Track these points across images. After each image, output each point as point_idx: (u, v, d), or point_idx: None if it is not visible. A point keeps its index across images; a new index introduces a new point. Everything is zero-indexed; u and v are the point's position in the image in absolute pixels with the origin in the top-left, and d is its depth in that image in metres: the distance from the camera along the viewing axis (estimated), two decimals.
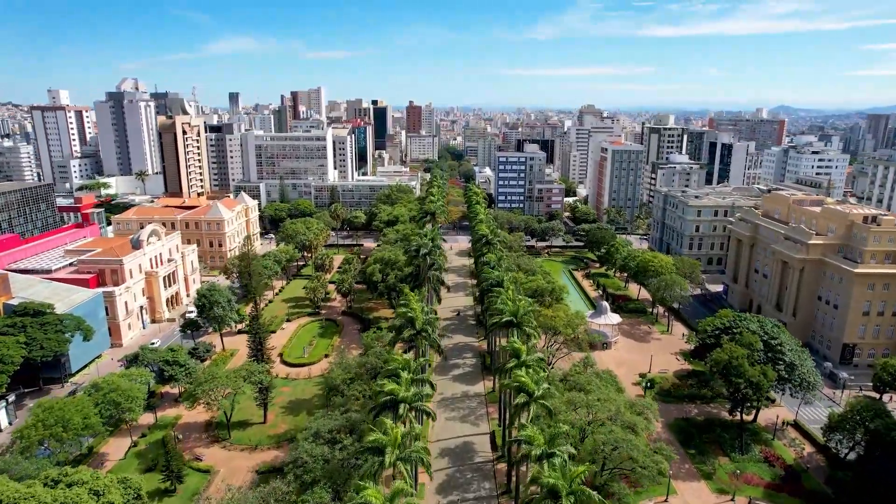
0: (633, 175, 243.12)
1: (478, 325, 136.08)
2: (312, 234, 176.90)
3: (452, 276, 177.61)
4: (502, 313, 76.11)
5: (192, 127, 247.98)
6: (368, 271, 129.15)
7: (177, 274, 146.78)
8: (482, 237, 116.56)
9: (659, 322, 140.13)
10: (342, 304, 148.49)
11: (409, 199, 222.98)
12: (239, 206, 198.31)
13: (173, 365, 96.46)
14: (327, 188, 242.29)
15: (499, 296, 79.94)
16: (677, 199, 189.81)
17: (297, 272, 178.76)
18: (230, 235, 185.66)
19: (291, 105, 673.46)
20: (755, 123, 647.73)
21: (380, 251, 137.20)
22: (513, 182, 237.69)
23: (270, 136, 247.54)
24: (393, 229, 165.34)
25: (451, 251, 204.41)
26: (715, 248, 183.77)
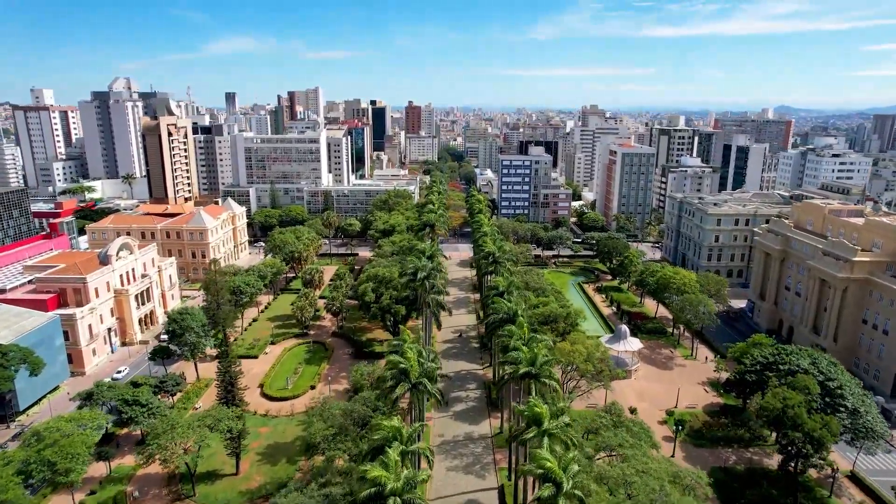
0: (643, 179, 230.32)
1: (481, 349, 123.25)
2: (302, 244, 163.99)
3: (453, 289, 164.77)
4: (517, 362, 63.01)
5: (179, 128, 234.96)
6: (360, 290, 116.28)
7: (152, 291, 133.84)
8: (489, 254, 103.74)
9: (681, 345, 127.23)
10: (333, 324, 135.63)
11: (408, 205, 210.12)
12: (225, 213, 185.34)
13: (133, 405, 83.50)
14: (321, 193, 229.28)
15: (511, 336, 66.86)
16: (694, 207, 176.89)
17: (285, 285, 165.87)
18: (214, 245, 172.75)
19: (288, 105, 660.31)
20: (761, 124, 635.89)
21: (373, 267, 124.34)
22: (517, 187, 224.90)
23: (261, 138, 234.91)
24: (389, 240, 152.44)
25: (452, 261, 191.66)
26: (735, 259, 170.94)
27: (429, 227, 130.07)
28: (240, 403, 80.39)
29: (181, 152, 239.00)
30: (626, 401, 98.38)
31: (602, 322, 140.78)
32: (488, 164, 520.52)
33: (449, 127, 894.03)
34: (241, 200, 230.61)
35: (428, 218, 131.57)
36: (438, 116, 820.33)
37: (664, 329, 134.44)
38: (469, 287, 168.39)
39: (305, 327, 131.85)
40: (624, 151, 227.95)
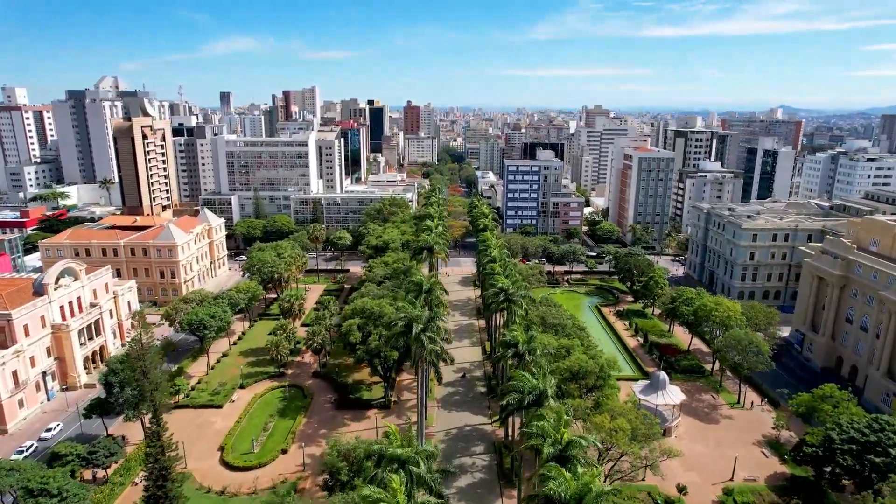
0: (662, 186, 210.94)
1: (488, 394, 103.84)
2: (284, 262, 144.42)
3: (455, 313, 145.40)
4: (542, 436, 44.10)
5: (155, 130, 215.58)
6: (345, 327, 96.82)
7: (103, 323, 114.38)
8: (500, 291, 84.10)
9: (724, 388, 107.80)
10: (314, 361, 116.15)
11: (404, 216, 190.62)
12: (199, 226, 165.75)
13: (39, 496, 64.12)
14: (310, 201, 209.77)
15: (542, 435, 47.18)
16: (725, 220, 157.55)
17: (265, 309, 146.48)
18: (186, 263, 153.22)
19: (283, 105, 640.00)
20: (770, 124, 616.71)
21: (361, 296, 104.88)
22: (524, 195, 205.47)
23: (244, 140, 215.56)
24: (381, 261, 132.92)
25: (452, 278, 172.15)
26: (773, 279, 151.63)
27: (426, 250, 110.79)
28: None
29: (158, 156, 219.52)
30: (670, 472, 79.01)
31: (628, 357, 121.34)
32: (490, 165, 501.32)
33: (448, 127, 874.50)
34: (222, 209, 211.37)
35: (425, 239, 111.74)
36: (438, 116, 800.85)
37: (701, 367, 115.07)
38: (472, 311, 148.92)
39: (282, 366, 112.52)
40: (641, 156, 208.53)
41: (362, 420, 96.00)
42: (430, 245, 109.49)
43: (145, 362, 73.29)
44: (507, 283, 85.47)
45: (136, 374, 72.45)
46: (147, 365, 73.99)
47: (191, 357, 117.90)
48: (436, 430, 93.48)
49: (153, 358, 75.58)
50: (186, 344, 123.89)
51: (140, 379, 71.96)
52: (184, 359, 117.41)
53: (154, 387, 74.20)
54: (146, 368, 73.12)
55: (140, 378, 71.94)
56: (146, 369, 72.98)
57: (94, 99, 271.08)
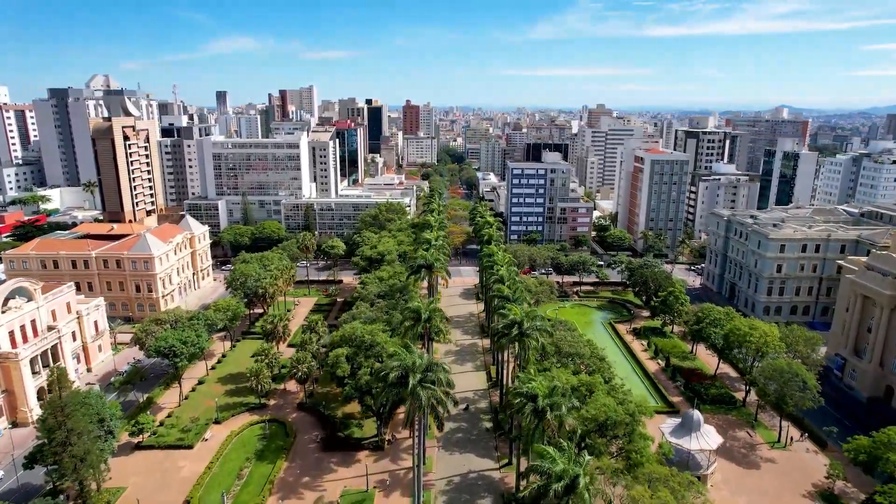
0: (675, 190, 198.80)
1: (495, 430, 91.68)
2: (270, 276, 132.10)
3: (455, 331, 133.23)
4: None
5: (139, 131, 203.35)
6: (331, 358, 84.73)
7: (61, 348, 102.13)
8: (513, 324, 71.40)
9: (760, 422, 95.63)
10: (300, 391, 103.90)
11: (401, 223, 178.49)
12: (180, 234, 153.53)
13: None
14: (301, 207, 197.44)
15: None
16: (749, 229, 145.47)
17: (249, 327, 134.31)
18: (164, 276, 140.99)
19: (279, 105, 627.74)
20: (776, 124, 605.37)
21: (351, 319, 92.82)
22: (529, 199, 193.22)
23: (232, 142, 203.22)
24: (375, 276, 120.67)
25: (453, 289, 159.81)
26: (802, 293, 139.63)
27: (425, 268, 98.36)
28: None
29: (142, 158, 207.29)
30: None
31: (648, 384, 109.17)
32: (491, 166, 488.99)
33: (448, 127, 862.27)
34: (208, 215, 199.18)
35: (424, 256, 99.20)
36: (437, 116, 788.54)
37: (732, 396, 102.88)
38: (475, 328, 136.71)
39: (263, 395, 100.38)
40: (653, 158, 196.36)
41: (351, 465, 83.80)
42: (429, 263, 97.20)
43: (67, 429, 59.77)
44: (519, 313, 73.19)
45: (54, 447, 59.42)
46: (69, 433, 60.03)
47: (163, 384, 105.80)
48: (436, 477, 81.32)
49: (78, 421, 62.36)
50: (160, 369, 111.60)
51: (59, 452, 58.91)
52: (155, 387, 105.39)
53: (83, 451, 60.85)
54: (68, 438, 59.89)
55: (58, 451, 58.89)
56: (68, 438, 59.87)
57: (77, 98, 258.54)
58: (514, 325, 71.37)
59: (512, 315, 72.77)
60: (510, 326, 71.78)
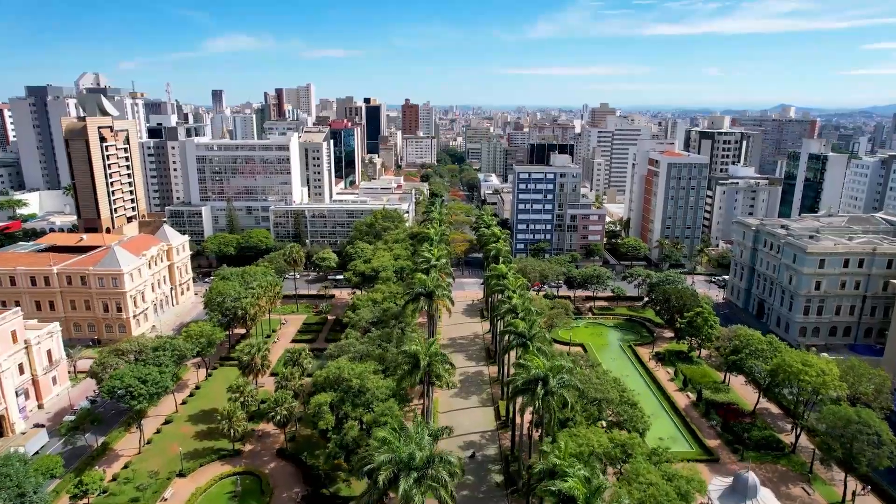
0: (694, 196, 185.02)
1: (507, 486, 77.89)
2: (252, 295, 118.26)
3: (459, 356, 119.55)
4: None
5: (117, 132, 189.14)
6: (312, 405, 71.13)
7: (1, 386, 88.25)
8: (535, 380, 57.17)
9: (817, 475, 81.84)
10: (281, 432, 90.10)
11: (399, 231, 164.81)
12: (155, 246, 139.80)
13: None
14: (291, 213, 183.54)
15: None
16: (782, 241, 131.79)
17: (229, 350, 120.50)
18: (136, 294, 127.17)
19: (276, 104, 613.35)
20: (782, 123, 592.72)
21: (335, 361, 79.00)
22: (537, 206, 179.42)
23: (217, 144, 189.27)
24: (367, 297, 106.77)
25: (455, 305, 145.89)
26: (843, 312, 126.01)
27: (425, 296, 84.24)
28: None
29: (120, 161, 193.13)
30: None
31: (679, 422, 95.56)
32: (493, 167, 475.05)
33: (448, 126, 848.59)
34: (192, 222, 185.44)
35: (422, 281, 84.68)
36: (437, 116, 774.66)
37: (778, 440, 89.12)
38: (480, 351, 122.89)
39: (238, 440, 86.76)
40: (670, 161, 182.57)
41: None
42: (428, 290, 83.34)
43: None
44: (543, 365, 59.42)
45: None
46: None
47: (124, 425, 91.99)
48: None
49: None
50: (122, 406, 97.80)
51: None
52: (114, 428, 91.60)
53: None
54: None
55: None
56: None
57: (57, 96, 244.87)
58: (538, 382, 57.67)
59: (534, 369, 59.02)
60: (532, 383, 58.02)
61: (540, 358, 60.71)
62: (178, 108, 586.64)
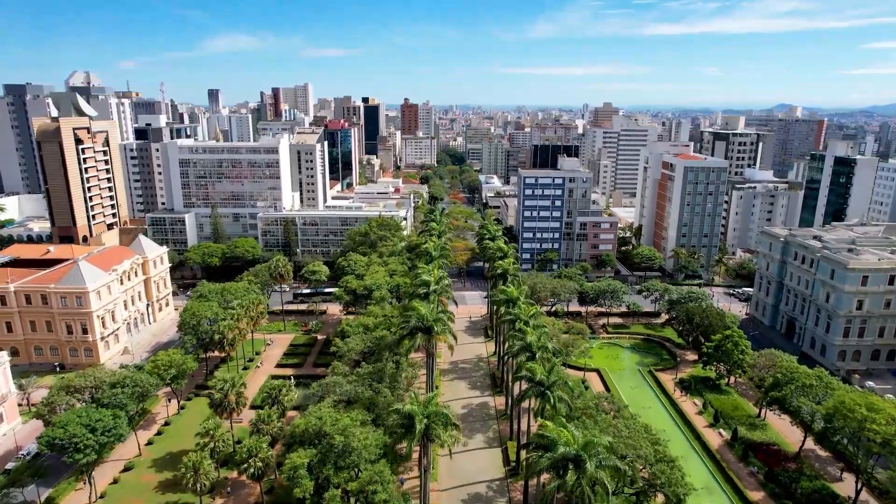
0: (712, 202, 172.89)
1: None
2: (232, 315, 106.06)
3: (461, 384, 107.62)
4: None
5: (95, 134, 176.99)
6: (287, 467, 58.95)
7: None
8: (565, 460, 44.80)
9: None
10: (255, 489, 77.81)
11: (395, 242, 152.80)
12: (128, 260, 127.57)
13: None
14: (280, 221, 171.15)
15: None
16: (816, 254, 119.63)
17: (206, 377, 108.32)
18: (103, 314, 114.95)
19: (272, 103, 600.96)
20: (789, 124, 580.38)
21: (315, 409, 66.80)
22: (545, 213, 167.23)
23: (201, 146, 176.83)
24: (358, 322, 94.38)
25: (457, 323, 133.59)
26: (887, 334, 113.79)
27: (421, 332, 71.79)
28: None
29: (99, 164, 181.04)
30: None
31: (714, 468, 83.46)
32: (494, 169, 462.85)
33: (448, 126, 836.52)
34: (175, 230, 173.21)
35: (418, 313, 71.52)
36: (437, 115, 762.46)
37: (834, 494, 76.81)
38: (485, 378, 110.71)
39: (208, 492, 74.56)
40: (686, 164, 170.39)
41: None
42: (426, 324, 70.85)
43: None
44: (573, 440, 47.24)
45: None
46: None
47: (74, 475, 79.65)
48: None
49: None
50: None
51: None
52: (63, 479, 79.29)
53: None
54: None
55: None
56: None
57: (36, 95, 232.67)
58: (567, 463, 45.47)
59: (562, 446, 46.66)
60: (562, 464, 45.79)
61: (568, 431, 48.17)
62: (174, 107, 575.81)
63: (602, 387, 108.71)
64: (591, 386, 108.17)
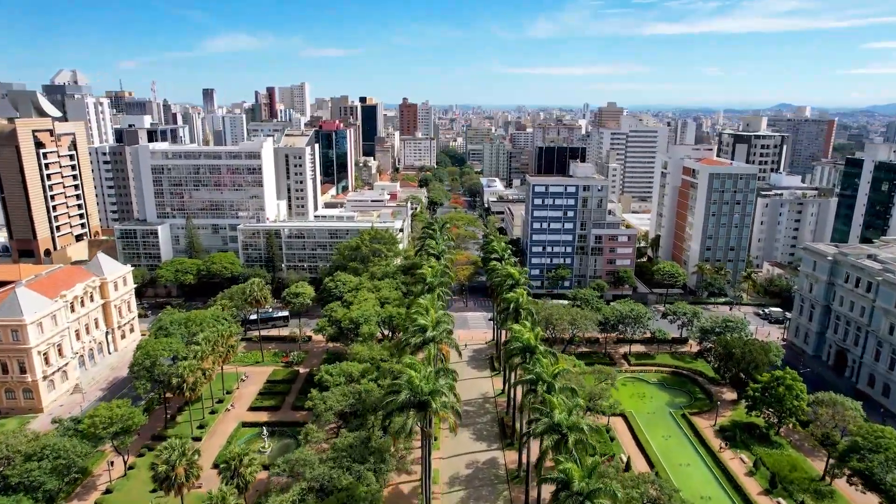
0: (739, 212, 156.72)
1: None
2: (196, 354, 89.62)
3: (463, 435, 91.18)
4: None
5: (60, 137, 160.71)
6: None
7: None
8: None
9: None
10: None
11: (392, 254, 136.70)
12: (82, 283, 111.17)
13: None
14: (262, 233, 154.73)
15: None
16: (877, 277, 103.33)
17: (164, 426, 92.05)
18: (46, 350, 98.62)
19: (267, 103, 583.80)
20: (798, 124, 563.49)
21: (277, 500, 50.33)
22: (555, 225, 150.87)
23: (175, 151, 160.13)
24: (340, 371, 78.08)
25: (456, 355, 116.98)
26: None
27: (415, 408, 55.59)
28: None
29: (65, 170, 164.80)
30: None
31: None
32: (496, 171, 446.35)
33: (447, 126, 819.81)
34: (147, 244, 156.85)
35: (412, 382, 55.20)
36: (436, 115, 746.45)
37: None
38: (492, 428, 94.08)
39: None
40: (712, 171, 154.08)
41: None
42: (421, 398, 53.91)
43: None
44: None
45: None
46: None
47: None
48: None
49: None
50: None
51: None
52: None
53: None
54: None
55: None
56: None
57: (4, 94, 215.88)
58: None
59: None
60: None
61: None
62: (166, 107, 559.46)
63: (629, 435, 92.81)
64: (617, 436, 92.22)
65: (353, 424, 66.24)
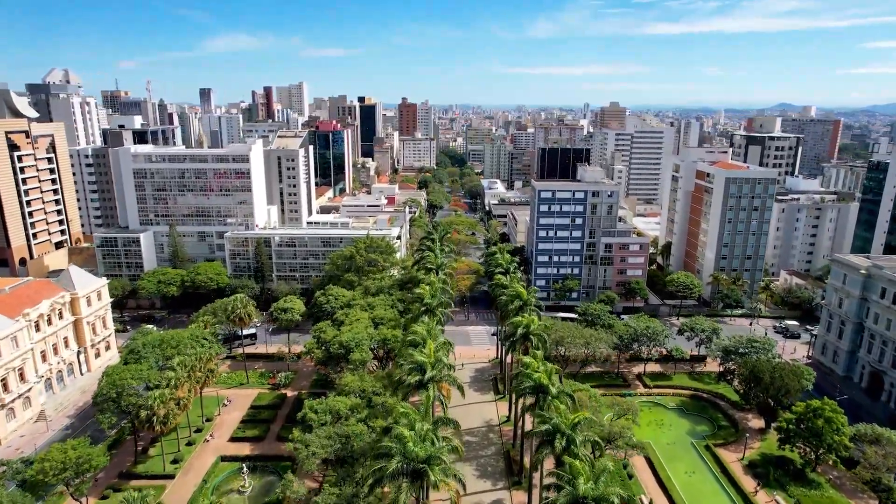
0: (757, 219, 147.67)
1: None
2: (169, 381, 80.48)
3: (465, 471, 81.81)
4: None
5: (37, 139, 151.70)
6: None
7: None
8: None
9: None
10: None
11: (389, 264, 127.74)
12: (48, 300, 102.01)
13: None
14: (251, 241, 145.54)
15: None
16: None
17: (135, 462, 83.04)
18: (5, 375, 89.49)
19: (264, 103, 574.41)
20: (803, 124, 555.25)
21: None
22: (562, 233, 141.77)
23: (159, 154, 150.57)
24: (327, 407, 68.97)
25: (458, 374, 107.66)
26: None
27: (406, 476, 47.04)
28: None
29: (42, 173, 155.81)
30: None
31: None
32: (497, 172, 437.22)
33: (447, 126, 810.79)
34: (129, 252, 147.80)
35: (408, 446, 46.36)
36: (436, 115, 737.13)
37: None
38: (497, 461, 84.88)
39: None
40: (728, 175, 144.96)
41: None
42: (417, 466, 44.37)
43: None
44: None
45: None
46: None
47: None
48: None
49: None
50: None
51: None
52: None
53: None
54: None
55: None
56: None
57: None
58: None
59: None
60: None
61: None
62: (162, 107, 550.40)
63: (649, 471, 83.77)
64: (636, 472, 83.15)
65: (339, 475, 57.22)
